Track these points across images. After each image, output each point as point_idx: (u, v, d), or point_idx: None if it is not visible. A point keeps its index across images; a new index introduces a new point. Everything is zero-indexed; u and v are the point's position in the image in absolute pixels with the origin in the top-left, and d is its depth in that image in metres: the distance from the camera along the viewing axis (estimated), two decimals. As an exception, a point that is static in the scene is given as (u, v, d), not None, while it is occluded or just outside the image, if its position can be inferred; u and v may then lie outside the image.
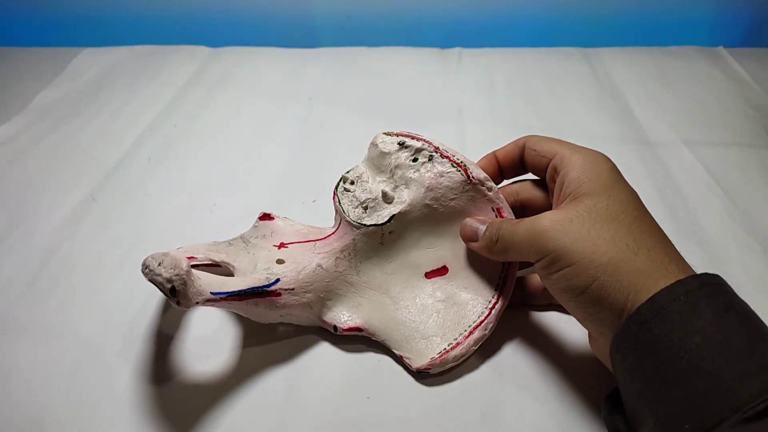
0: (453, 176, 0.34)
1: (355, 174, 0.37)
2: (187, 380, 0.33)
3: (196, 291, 0.29)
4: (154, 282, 0.27)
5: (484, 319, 0.34)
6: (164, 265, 0.27)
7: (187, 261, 0.28)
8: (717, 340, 0.23)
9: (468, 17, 0.78)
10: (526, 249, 0.30)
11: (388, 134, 0.36)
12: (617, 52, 0.72)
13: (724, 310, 0.24)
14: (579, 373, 0.33)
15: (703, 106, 0.61)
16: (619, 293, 0.26)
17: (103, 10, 0.78)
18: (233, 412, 0.32)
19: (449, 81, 0.66)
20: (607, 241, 0.27)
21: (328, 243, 0.35)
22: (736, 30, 0.77)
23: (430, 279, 0.36)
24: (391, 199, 0.35)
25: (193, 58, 0.71)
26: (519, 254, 0.31)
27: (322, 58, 0.71)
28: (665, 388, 0.24)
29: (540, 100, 0.62)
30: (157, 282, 0.27)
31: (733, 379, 0.22)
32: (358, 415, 0.31)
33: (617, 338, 0.26)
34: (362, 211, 0.35)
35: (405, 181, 0.35)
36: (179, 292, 0.27)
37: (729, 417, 0.21)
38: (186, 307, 0.28)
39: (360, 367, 0.34)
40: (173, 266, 0.27)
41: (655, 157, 0.53)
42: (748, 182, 0.50)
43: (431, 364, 0.32)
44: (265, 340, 0.35)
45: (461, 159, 0.35)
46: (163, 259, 0.28)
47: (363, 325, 0.35)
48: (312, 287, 0.34)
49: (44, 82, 0.66)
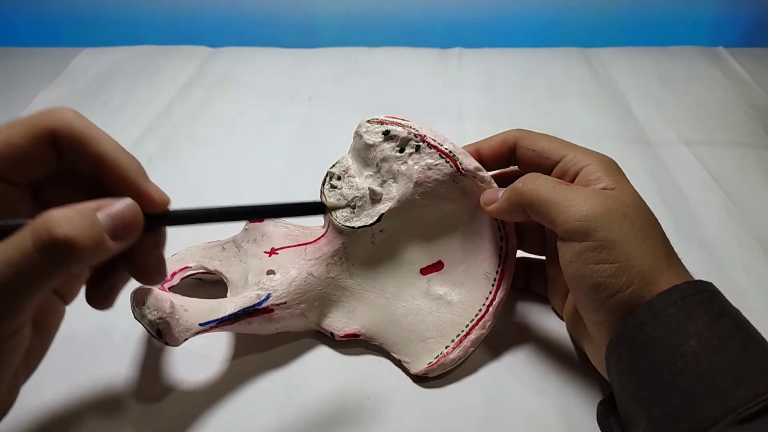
0: (442, 168, 0.32)
1: (341, 168, 0.35)
2: (185, 384, 0.33)
3: (183, 328, 0.29)
4: (141, 323, 0.29)
5: (482, 316, 0.33)
6: (148, 306, 0.28)
7: (170, 302, 0.29)
8: (713, 344, 0.23)
9: (468, 17, 0.78)
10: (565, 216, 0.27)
11: (371, 121, 0.34)
12: (617, 52, 0.72)
13: (718, 316, 0.25)
14: (579, 374, 0.33)
15: (703, 106, 0.60)
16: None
17: (103, 10, 0.78)
18: (233, 415, 0.31)
19: (449, 81, 0.66)
20: (649, 247, 0.26)
21: (318, 248, 0.35)
22: (736, 30, 0.77)
23: (426, 275, 0.35)
24: (380, 197, 0.34)
25: (193, 58, 0.71)
26: (547, 214, 0.28)
27: (322, 58, 0.71)
28: (661, 390, 0.24)
29: (540, 100, 0.62)
30: (143, 325, 0.28)
31: (729, 382, 0.22)
32: (358, 416, 0.31)
33: (614, 340, 0.26)
34: (350, 211, 0.34)
35: (392, 175, 0.33)
36: (164, 333, 0.28)
37: (723, 418, 0.22)
38: (174, 345, 0.29)
39: (359, 368, 0.34)
40: (156, 308, 0.28)
41: (655, 157, 0.53)
42: (748, 182, 0.49)
43: (429, 369, 0.32)
44: (264, 344, 0.35)
45: (450, 148, 0.32)
46: (146, 298, 0.28)
47: (360, 331, 0.34)
48: (305, 297, 0.33)
49: (44, 82, 0.66)
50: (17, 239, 0.19)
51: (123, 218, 0.20)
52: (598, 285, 0.26)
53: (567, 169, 0.31)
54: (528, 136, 0.33)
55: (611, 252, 0.26)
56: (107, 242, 0.20)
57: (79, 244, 0.19)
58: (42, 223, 0.19)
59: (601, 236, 0.26)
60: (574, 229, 0.27)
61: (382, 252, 0.35)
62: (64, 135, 0.20)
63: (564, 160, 0.31)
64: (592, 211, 0.27)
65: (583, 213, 0.27)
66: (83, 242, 0.19)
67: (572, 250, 0.27)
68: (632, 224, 0.27)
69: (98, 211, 0.20)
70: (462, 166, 0.32)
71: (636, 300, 0.26)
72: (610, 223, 0.27)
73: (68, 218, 0.19)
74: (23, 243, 0.19)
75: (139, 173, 0.22)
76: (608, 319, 0.27)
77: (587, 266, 0.27)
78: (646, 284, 0.26)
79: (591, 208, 0.27)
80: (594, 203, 0.27)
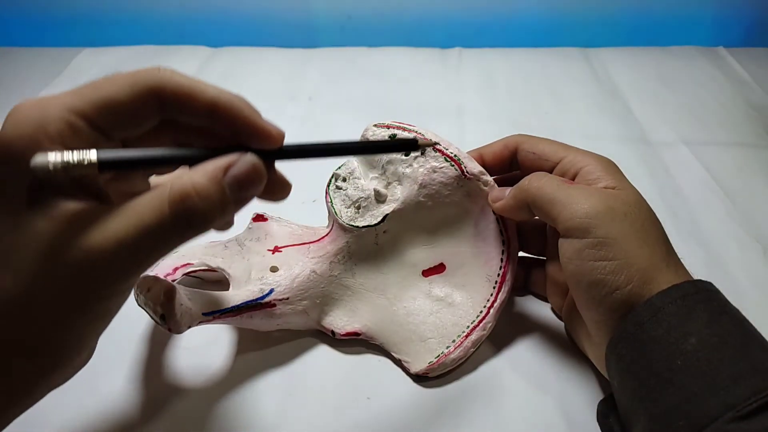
0: (447, 171, 0.33)
1: (346, 170, 0.36)
2: (186, 382, 0.33)
3: (186, 316, 0.29)
4: (144, 309, 0.29)
5: (483, 318, 0.34)
6: (153, 292, 0.28)
7: (174, 289, 0.29)
8: (712, 342, 0.24)
9: (468, 17, 0.77)
10: (567, 213, 0.28)
11: (379, 126, 0.35)
12: (617, 52, 0.72)
13: (718, 314, 0.25)
14: (579, 373, 0.33)
15: (703, 106, 0.61)
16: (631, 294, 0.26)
17: (103, 10, 0.78)
18: (233, 413, 0.32)
19: (449, 81, 0.66)
20: (650, 246, 0.27)
21: (321, 246, 0.35)
22: (736, 30, 0.77)
23: (428, 277, 0.35)
24: (384, 198, 0.34)
25: (193, 58, 0.71)
26: (549, 212, 0.29)
27: (322, 58, 0.71)
28: (660, 387, 0.24)
29: (540, 100, 0.62)
30: (147, 311, 0.29)
31: (728, 379, 0.22)
32: (359, 416, 0.31)
33: (614, 339, 0.27)
34: (355, 211, 0.34)
35: (398, 177, 0.34)
36: (168, 318, 0.28)
37: (723, 415, 0.22)
38: (177, 332, 0.29)
39: (360, 368, 0.34)
40: (161, 294, 0.28)
41: (655, 157, 0.53)
42: (748, 182, 0.50)
43: (429, 369, 0.32)
44: (265, 343, 0.35)
45: (455, 152, 0.33)
46: (151, 285, 0.28)
47: (361, 329, 0.34)
48: (307, 294, 0.33)
49: (44, 82, 0.66)
50: (154, 200, 0.19)
51: (250, 177, 0.21)
52: (597, 282, 0.27)
53: (566, 170, 0.31)
54: (528, 140, 0.34)
55: (611, 249, 0.26)
56: (231, 206, 0.20)
57: (211, 215, 0.20)
58: (178, 191, 0.19)
59: (601, 233, 0.27)
60: (576, 226, 0.27)
61: (386, 252, 0.35)
62: (170, 91, 0.21)
63: (563, 161, 0.31)
64: (593, 208, 0.27)
65: (584, 210, 0.27)
66: (214, 213, 0.20)
67: (573, 247, 0.28)
68: (633, 223, 0.27)
69: (226, 174, 0.20)
70: (466, 169, 0.33)
71: (635, 298, 0.26)
72: (610, 220, 0.27)
73: (204, 189, 0.19)
74: (160, 206, 0.19)
75: (253, 111, 0.22)
76: (608, 317, 0.27)
77: (587, 263, 0.27)
78: (645, 282, 0.26)
79: (592, 206, 0.27)
80: (596, 201, 0.27)
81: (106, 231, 0.19)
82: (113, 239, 0.19)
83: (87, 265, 0.19)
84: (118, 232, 0.19)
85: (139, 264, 0.20)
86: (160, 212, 0.19)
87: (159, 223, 0.19)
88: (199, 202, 0.19)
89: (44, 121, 0.19)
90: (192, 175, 0.20)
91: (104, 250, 0.19)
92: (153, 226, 0.19)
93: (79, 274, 0.19)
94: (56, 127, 0.19)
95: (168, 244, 0.20)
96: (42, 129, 0.18)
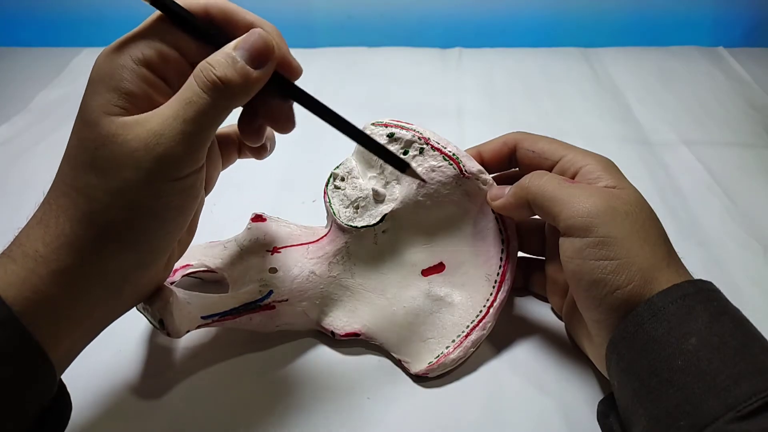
0: (445, 170, 0.33)
1: (345, 169, 0.35)
2: (186, 383, 0.33)
3: (185, 320, 0.29)
4: (143, 314, 0.29)
5: (483, 317, 0.34)
6: (151, 297, 0.28)
7: (173, 293, 0.29)
8: (713, 342, 0.24)
9: (468, 17, 0.78)
10: (569, 212, 0.28)
11: (377, 124, 0.34)
12: (617, 52, 0.72)
13: (718, 314, 0.25)
14: (579, 373, 0.33)
15: (703, 106, 0.61)
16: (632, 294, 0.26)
17: (103, 10, 0.78)
18: (233, 414, 0.32)
19: (449, 81, 0.66)
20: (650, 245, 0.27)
21: (320, 247, 0.35)
22: (736, 30, 0.77)
23: (427, 277, 0.35)
24: (383, 197, 0.34)
25: (193, 58, 0.71)
26: (550, 210, 0.29)
27: (322, 58, 0.71)
28: (661, 387, 0.24)
29: (540, 100, 0.62)
30: (146, 316, 0.29)
31: (728, 379, 0.22)
32: (359, 416, 0.31)
33: (614, 338, 0.27)
34: (353, 211, 0.34)
35: (396, 177, 0.34)
36: (167, 323, 0.28)
37: (723, 415, 0.22)
38: (176, 337, 0.29)
39: (360, 368, 0.34)
40: (159, 299, 0.28)
41: (655, 157, 0.53)
42: (748, 182, 0.50)
43: (429, 369, 0.32)
44: (264, 343, 0.35)
45: (453, 151, 0.33)
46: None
47: (360, 330, 0.34)
48: (306, 295, 0.33)
49: (44, 82, 0.66)
50: (186, 87, 0.23)
51: (257, 47, 0.24)
52: (598, 281, 0.26)
53: (566, 169, 0.31)
54: (528, 138, 0.34)
55: (612, 249, 0.26)
56: (251, 73, 0.24)
57: (233, 81, 0.23)
58: (200, 70, 0.23)
59: (602, 233, 0.27)
60: (577, 225, 0.27)
61: (385, 252, 0.35)
62: (218, 9, 0.25)
63: (563, 160, 0.31)
64: (594, 207, 0.27)
65: (585, 209, 0.27)
66: (234, 78, 0.23)
67: (574, 246, 0.28)
68: (634, 222, 0.27)
69: (236, 49, 0.24)
70: (465, 168, 0.33)
71: (636, 298, 0.26)
72: (611, 220, 0.27)
73: (218, 62, 0.23)
74: (193, 87, 0.23)
75: (281, 39, 0.26)
76: (608, 316, 0.27)
77: (588, 262, 0.27)
78: (645, 282, 0.26)
79: (594, 205, 0.27)
80: (597, 200, 0.27)
81: (154, 115, 0.23)
82: (160, 119, 0.23)
83: (144, 153, 0.22)
84: (165, 114, 0.23)
85: (201, 138, 0.23)
86: (195, 90, 0.23)
87: (198, 98, 0.23)
88: (217, 69, 0.23)
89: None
90: (209, 57, 0.23)
91: (156, 133, 0.22)
92: (196, 101, 0.23)
93: (146, 156, 0.22)
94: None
95: (213, 113, 0.23)
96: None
